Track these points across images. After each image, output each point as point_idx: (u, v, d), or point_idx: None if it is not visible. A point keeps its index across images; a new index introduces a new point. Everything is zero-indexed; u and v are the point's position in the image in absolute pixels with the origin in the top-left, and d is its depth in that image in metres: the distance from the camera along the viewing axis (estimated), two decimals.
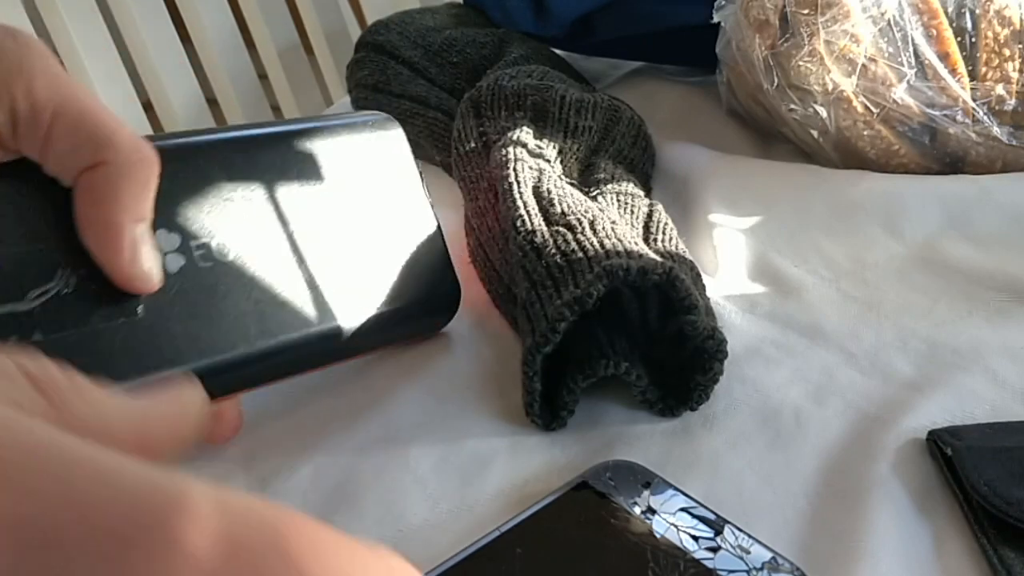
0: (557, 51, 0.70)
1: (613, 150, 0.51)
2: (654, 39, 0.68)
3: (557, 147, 0.48)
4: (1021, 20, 0.47)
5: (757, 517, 0.31)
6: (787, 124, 0.53)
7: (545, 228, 0.39)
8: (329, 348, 0.35)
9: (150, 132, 0.97)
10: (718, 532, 0.29)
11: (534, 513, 0.30)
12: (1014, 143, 0.47)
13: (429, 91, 0.62)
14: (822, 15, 0.48)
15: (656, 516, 0.29)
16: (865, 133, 0.50)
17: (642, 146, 0.54)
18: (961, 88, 0.47)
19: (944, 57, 0.47)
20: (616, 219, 0.42)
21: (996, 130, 0.47)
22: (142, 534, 0.14)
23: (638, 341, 0.37)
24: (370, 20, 0.90)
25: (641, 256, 0.36)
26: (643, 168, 0.54)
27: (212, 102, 1.01)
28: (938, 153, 0.49)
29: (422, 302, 0.39)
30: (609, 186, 0.46)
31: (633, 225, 0.43)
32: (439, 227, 0.41)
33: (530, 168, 0.44)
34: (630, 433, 0.36)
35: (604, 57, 0.75)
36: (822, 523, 0.31)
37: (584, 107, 0.51)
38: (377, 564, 0.17)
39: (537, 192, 0.42)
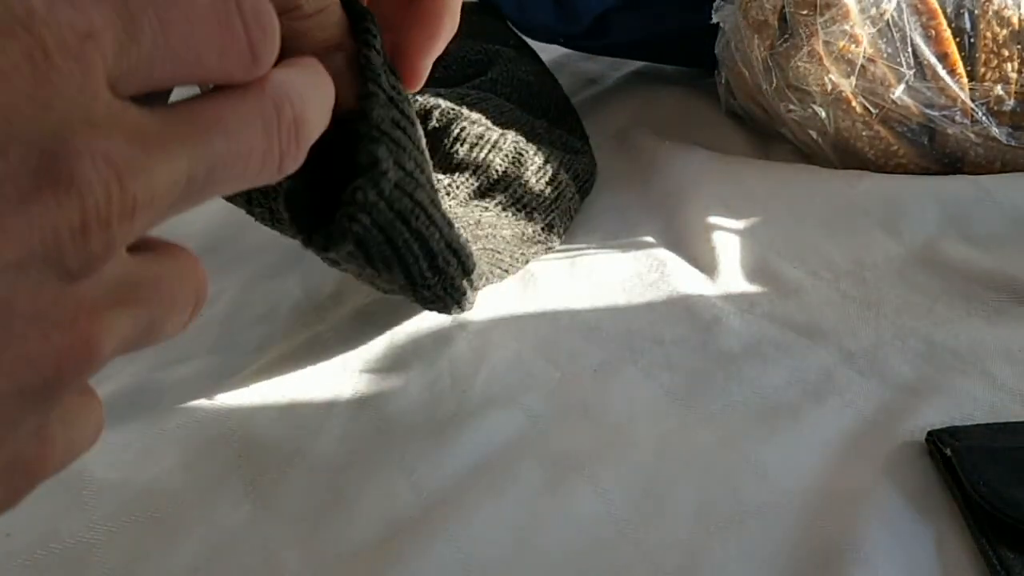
0: (562, 54, 0.69)
1: (515, 188, 0.49)
2: (657, 39, 0.68)
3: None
4: (1020, 20, 0.47)
5: (751, 517, 0.31)
6: (786, 124, 0.53)
7: None
8: None
9: None
10: None
11: None
12: (1013, 143, 0.47)
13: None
14: (821, 15, 0.48)
15: None
16: (864, 133, 0.50)
17: (557, 188, 0.51)
18: (960, 88, 0.47)
19: (943, 57, 0.47)
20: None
21: (995, 130, 0.47)
22: None
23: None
24: None
25: None
26: (548, 212, 0.51)
27: None
28: (937, 153, 0.49)
29: None
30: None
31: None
32: None
33: None
34: (626, 432, 0.36)
35: (606, 56, 0.75)
36: (818, 523, 0.31)
37: (482, 144, 0.49)
38: None
39: None
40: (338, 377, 0.41)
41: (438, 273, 0.35)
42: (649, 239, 0.50)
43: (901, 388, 0.36)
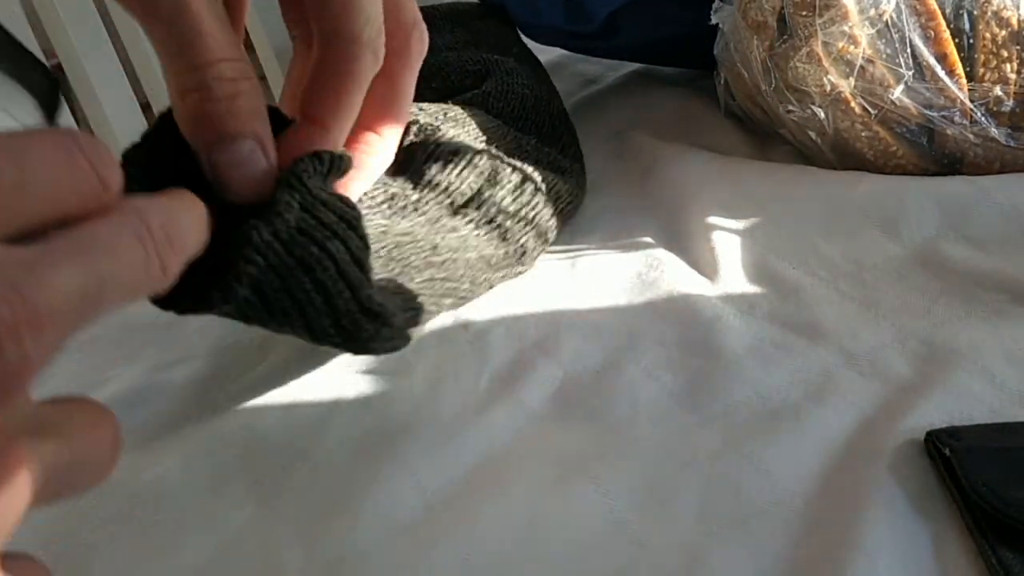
0: (561, 54, 0.69)
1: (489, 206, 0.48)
2: (664, 40, 0.68)
3: (397, 192, 0.45)
4: (1019, 21, 0.47)
5: (754, 517, 0.31)
6: (785, 125, 0.53)
7: None
8: None
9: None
10: None
11: None
12: (1012, 144, 0.47)
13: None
14: (820, 16, 0.48)
15: None
16: (863, 134, 0.50)
17: (533, 208, 0.49)
18: (959, 89, 0.47)
19: (942, 58, 0.47)
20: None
21: (994, 131, 0.47)
22: None
23: None
24: None
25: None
26: (522, 233, 0.49)
27: None
28: (936, 154, 0.49)
29: None
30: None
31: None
32: None
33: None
34: (628, 433, 0.36)
35: (611, 59, 0.75)
36: (819, 523, 0.31)
37: (456, 161, 0.48)
38: None
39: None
40: (341, 378, 0.42)
41: (343, 332, 0.33)
42: (649, 240, 0.50)
43: (901, 388, 0.36)
